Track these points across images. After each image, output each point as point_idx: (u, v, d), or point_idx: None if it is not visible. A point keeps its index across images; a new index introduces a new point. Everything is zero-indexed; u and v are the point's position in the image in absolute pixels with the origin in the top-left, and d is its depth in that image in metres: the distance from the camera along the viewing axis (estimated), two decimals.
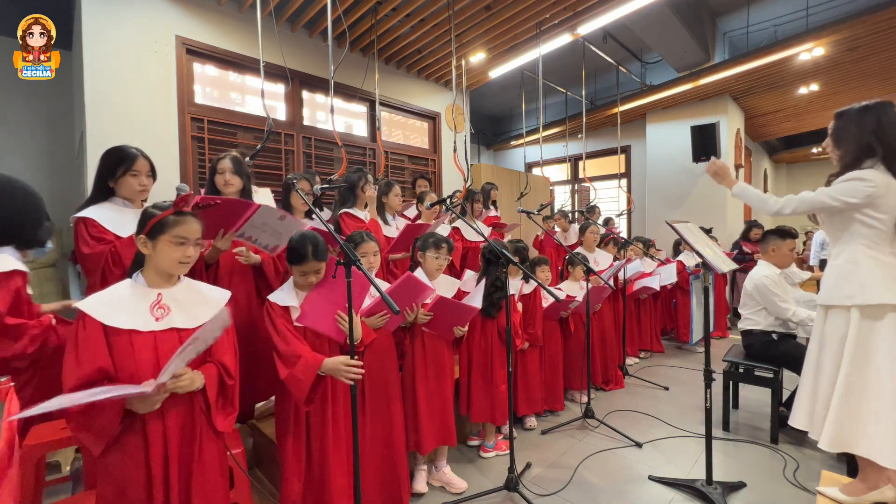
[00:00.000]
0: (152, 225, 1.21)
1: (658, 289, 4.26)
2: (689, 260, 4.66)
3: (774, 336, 2.62)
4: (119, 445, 1.14)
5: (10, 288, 1.40)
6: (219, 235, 1.68)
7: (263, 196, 2.33)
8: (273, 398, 1.82)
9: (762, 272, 2.65)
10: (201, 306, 1.28)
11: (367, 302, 1.76)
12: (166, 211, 1.23)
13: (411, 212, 3.48)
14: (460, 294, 2.27)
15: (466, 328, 2.18)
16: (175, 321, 1.22)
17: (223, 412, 1.29)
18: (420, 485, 2.07)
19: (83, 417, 1.08)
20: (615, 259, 3.93)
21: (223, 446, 1.33)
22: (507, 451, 2.10)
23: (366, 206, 2.69)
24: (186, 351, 1.08)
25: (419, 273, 2.17)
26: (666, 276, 4.32)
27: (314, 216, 2.15)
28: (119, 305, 1.17)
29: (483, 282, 2.27)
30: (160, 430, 1.17)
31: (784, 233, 2.73)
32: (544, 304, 2.85)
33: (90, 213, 1.65)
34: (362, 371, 1.48)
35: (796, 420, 1.82)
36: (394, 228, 2.74)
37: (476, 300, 2.07)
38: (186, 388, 1.17)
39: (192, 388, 1.19)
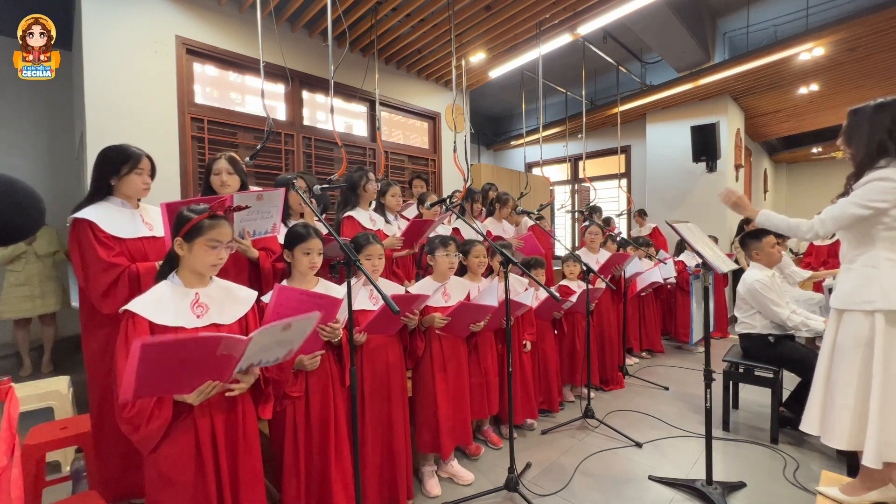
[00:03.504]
0: (189, 228, 1.26)
1: (662, 280, 4.27)
2: (690, 260, 4.67)
3: (771, 339, 2.62)
4: (169, 440, 1.20)
5: None
6: None
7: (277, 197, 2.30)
8: None
9: (754, 275, 2.64)
10: (235, 304, 1.38)
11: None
12: (202, 214, 1.28)
13: (411, 212, 3.48)
14: (468, 297, 2.29)
15: (482, 323, 2.21)
16: (214, 317, 1.30)
17: (266, 403, 1.42)
18: (434, 488, 2.07)
19: (137, 420, 1.14)
20: None
21: (259, 435, 1.42)
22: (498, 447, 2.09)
23: (370, 205, 2.69)
24: (273, 345, 1.22)
25: (423, 284, 2.19)
26: (666, 270, 4.35)
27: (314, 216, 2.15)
28: (163, 305, 1.24)
29: (496, 280, 2.27)
30: (208, 424, 1.24)
31: (757, 233, 2.73)
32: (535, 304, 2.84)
33: (91, 214, 1.64)
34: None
35: (807, 425, 1.79)
36: (395, 228, 2.75)
37: (490, 298, 2.07)
38: (245, 388, 1.29)
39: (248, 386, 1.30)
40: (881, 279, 1.62)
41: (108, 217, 1.67)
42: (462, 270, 2.42)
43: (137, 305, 1.21)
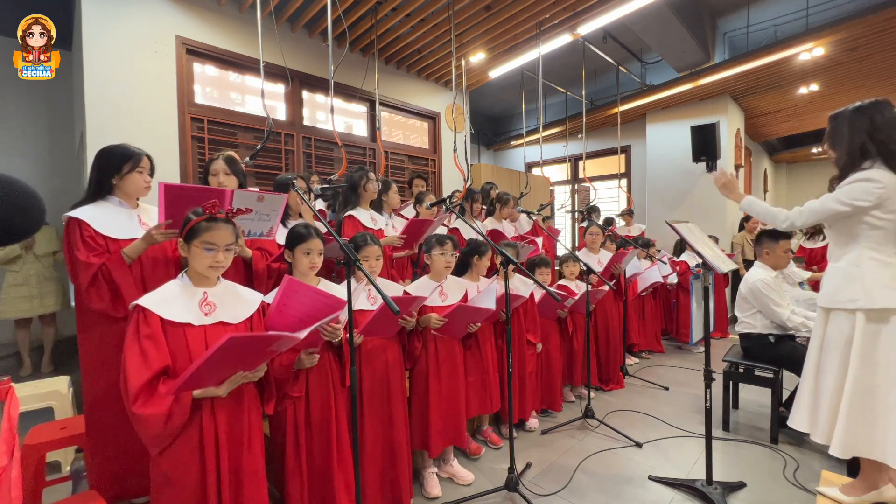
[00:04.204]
0: (187, 230, 1.30)
1: (662, 280, 4.28)
2: (691, 260, 4.67)
3: (771, 339, 2.62)
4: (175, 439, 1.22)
5: None
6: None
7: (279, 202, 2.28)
8: None
9: (757, 275, 2.63)
10: (241, 304, 1.41)
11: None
12: (199, 217, 1.30)
13: (409, 212, 3.48)
14: (465, 297, 2.28)
15: (480, 323, 2.20)
16: (221, 316, 1.33)
17: (270, 399, 1.46)
18: (434, 489, 2.06)
19: (157, 418, 1.14)
20: None
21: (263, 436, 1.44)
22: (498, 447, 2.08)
23: (371, 205, 2.68)
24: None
25: (420, 284, 2.17)
26: (664, 268, 4.36)
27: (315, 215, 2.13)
28: (173, 302, 1.27)
29: (494, 280, 2.26)
30: (212, 423, 1.25)
31: (777, 234, 2.69)
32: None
33: (84, 214, 1.63)
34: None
35: (796, 421, 1.82)
36: (390, 228, 2.74)
37: (488, 300, 2.07)
38: (258, 376, 1.32)
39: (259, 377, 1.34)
40: (864, 278, 1.64)
41: (103, 217, 1.66)
42: (463, 270, 2.42)
43: (148, 301, 1.24)
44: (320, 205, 3.16)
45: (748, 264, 5.51)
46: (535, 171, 7.73)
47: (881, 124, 1.64)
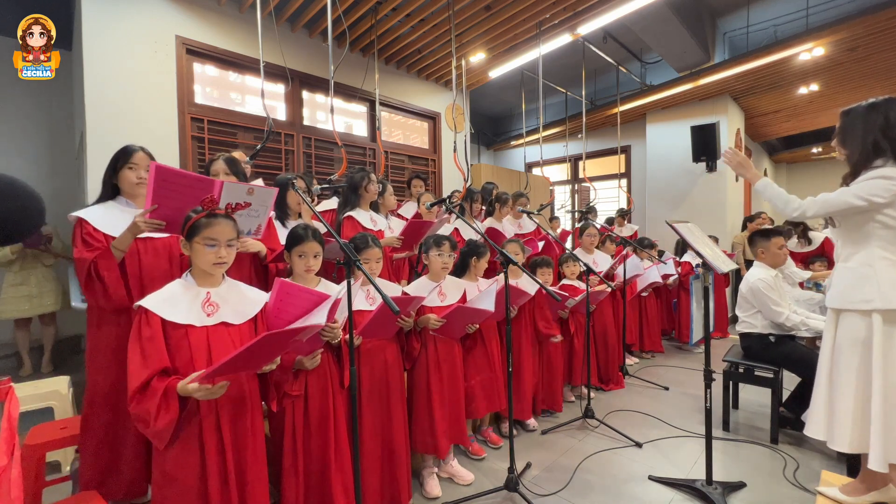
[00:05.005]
0: (188, 228, 1.30)
1: (661, 280, 4.28)
2: (694, 260, 4.67)
3: (772, 338, 2.62)
4: (176, 439, 1.22)
5: None
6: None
7: (268, 196, 2.26)
8: None
9: (757, 274, 2.63)
10: (244, 304, 1.40)
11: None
12: (199, 214, 1.30)
13: (407, 212, 3.47)
14: (464, 297, 2.28)
15: (478, 324, 2.20)
16: (223, 316, 1.32)
17: (274, 398, 1.46)
18: (434, 489, 2.06)
19: (146, 417, 1.15)
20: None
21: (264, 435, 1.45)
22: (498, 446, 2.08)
23: (371, 206, 2.68)
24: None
25: (418, 284, 2.17)
26: (665, 269, 4.37)
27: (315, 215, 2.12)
28: (175, 302, 1.27)
29: (494, 282, 2.25)
30: (214, 423, 1.25)
31: (767, 232, 2.71)
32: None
33: (87, 213, 1.64)
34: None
35: (812, 430, 1.77)
36: (388, 230, 2.74)
37: (487, 301, 2.07)
38: (273, 367, 1.35)
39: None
40: (877, 278, 1.62)
41: (106, 215, 1.67)
42: (462, 270, 2.41)
43: (150, 302, 1.24)
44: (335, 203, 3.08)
45: (749, 264, 5.51)
46: (535, 171, 7.73)
47: (895, 121, 1.63)
